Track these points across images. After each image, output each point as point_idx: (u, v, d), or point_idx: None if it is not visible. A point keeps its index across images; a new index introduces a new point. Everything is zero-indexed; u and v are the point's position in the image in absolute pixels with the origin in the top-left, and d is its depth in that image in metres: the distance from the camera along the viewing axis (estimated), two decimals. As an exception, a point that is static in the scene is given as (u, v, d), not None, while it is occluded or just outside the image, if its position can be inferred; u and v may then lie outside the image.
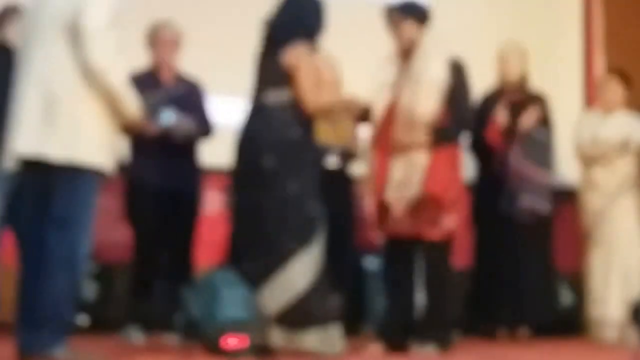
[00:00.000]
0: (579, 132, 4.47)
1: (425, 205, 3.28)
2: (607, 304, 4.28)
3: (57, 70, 2.71)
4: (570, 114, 4.87)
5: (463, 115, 3.41)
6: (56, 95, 2.69)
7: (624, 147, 4.33)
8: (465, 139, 3.80)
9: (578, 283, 4.67)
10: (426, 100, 3.29)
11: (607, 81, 4.51)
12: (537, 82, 4.59)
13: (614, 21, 5.56)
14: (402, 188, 3.31)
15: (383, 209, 3.39)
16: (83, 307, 4.03)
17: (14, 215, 3.00)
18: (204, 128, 3.95)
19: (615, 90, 4.44)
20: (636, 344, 3.94)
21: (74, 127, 2.70)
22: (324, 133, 4.23)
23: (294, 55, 3.21)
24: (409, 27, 3.38)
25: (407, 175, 3.30)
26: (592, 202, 4.37)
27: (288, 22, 3.27)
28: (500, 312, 4.30)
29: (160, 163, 3.82)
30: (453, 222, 3.34)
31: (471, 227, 4.39)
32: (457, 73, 3.40)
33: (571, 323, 4.62)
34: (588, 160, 4.44)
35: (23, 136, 2.71)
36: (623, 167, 4.36)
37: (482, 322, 4.39)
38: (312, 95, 3.18)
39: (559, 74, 5.39)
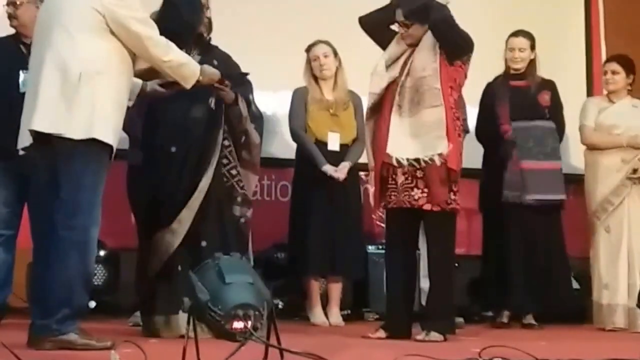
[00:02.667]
0: (582, 118, 4.48)
1: (442, 175, 3.31)
2: (615, 291, 4.30)
3: (78, 54, 2.76)
4: (575, 101, 4.86)
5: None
6: (76, 78, 2.74)
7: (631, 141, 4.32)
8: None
9: (582, 270, 4.70)
10: (427, 58, 3.35)
11: (610, 68, 4.50)
12: (541, 72, 4.59)
13: (614, 8, 5.55)
14: (428, 145, 3.31)
15: (385, 176, 3.40)
16: (91, 292, 4.07)
17: (29, 197, 3.05)
18: None
19: (616, 78, 4.44)
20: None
21: (91, 109, 2.75)
22: (323, 124, 4.27)
23: None
24: (417, 29, 3.41)
25: (421, 136, 3.32)
26: (599, 189, 4.38)
27: (163, 22, 3.31)
28: (507, 299, 4.33)
29: None
30: (455, 200, 3.37)
31: (478, 214, 4.40)
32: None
33: (576, 310, 4.65)
34: (592, 147, 4.45)
35: (39, 114, 2.74)
36: (629, 154, 4.37)
37: (489, 309, 4.42)
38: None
39: (563, 63, 5.40)
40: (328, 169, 4.18)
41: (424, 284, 3.70)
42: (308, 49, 4.36)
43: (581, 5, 5.63)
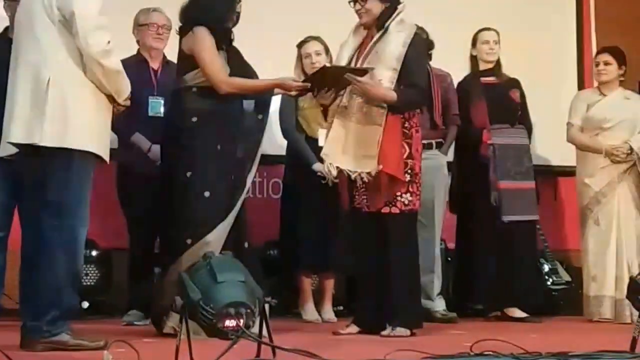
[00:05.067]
0: (569, 116, 4.51)
1: (384, 183, 3.33)
2: (602, 283, 4.34)
3: (47, 58, 2.73)
4: (567, 93, 4.89)
5: (416, 89, 3.43)
6: (46, 84, 2.71)
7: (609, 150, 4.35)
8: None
9: (568, 262, 4.74)
10: (382, 76, 3.34)
11: (602, 59, 4.51)
12: (532, 64, 4.62)
13: (605, 0, 5.58)
14: (360, 161, 3.34)
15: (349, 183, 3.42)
16: (84, 292, 4.07)
17: (20, 201, 3.06)
18: None
19: (608, 69, 4.46)
20: (631, 320, 4.00)
21: (64, 113, 2.72)
22: (314, 121, 4.27)
23: (192, 40, 3.27)
24: (374, 5, 3.40)
25: (364, 149, 3.34)
26: (591, 182, 4.40)
27: (192, 9, 3.32)
28: (487, 294, 4.36)
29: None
30: (408, 200, 3.39)
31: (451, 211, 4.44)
32: (417, 48, 3.43)
33: (562, 301, 4.70)
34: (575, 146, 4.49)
35: (15, 124, 2.74)
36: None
37: (471, 303, 4.46)
38: (221, 76, 3.23)
39: (554, 55, 5.42)
40: (318, 167, 4.18)
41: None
42: (300, 45, 4.35)
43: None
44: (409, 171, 3.40)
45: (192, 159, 3.24)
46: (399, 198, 3.37)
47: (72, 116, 2.73)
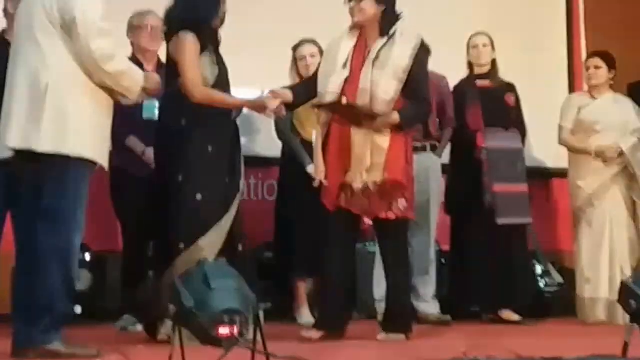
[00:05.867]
0: (560, 119, 4.53)
1: (387, 189, 3.32)
2: (596, 285, 4.35)
3: (46, 63, 2.72)
4: (558, 97, 4.91)
5: (421, 103, 3.42)
6: (44, 88, 2.70)
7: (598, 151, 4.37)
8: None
9: (561, 263, 4.76)
10: (387, 86, 3.31)
11: (593, 63, 4.54)
12: (524, 68, 4.63)
13: (593, 5, 5.61)
14: (366, 172, 3.32)
15: (344, 186, 3.39)
16: (77, 296, 4.05)
17: (13, 204, 3.03)
18: None
19: (598, 73, 4.49)
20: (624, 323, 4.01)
21: (63, 119, 2.71)
22: (308, 123, 4.27)
23: (175, 46, 3.25)
24: (369, 5, 3.36)
25: (371, 159, 3.32)
26: (583, 184, 4.42)
27: (176, 12, 3.29)
28: (481, 296, 4.37)
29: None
30: (403, 206, 3.38)
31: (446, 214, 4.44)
32: (422, 60, 3.41)
33: (555, 303, 4.72)
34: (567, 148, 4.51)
35: (12, 129, 2.73)
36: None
37: (465, 306, 4.47)
38: (195, 83, 3.19)
39: (546, 59, 5.45)
40: (312, 169, 4.17)
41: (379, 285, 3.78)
42: (295, 48, 4.35)
43: (563, 3, 5.66)
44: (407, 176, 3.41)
45: (183, 161, 3.21)
46: (394, 203, 3.36)
47: (71, 122, 2.72)
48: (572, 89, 5.41)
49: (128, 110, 3.32)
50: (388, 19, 3.38)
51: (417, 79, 3.35)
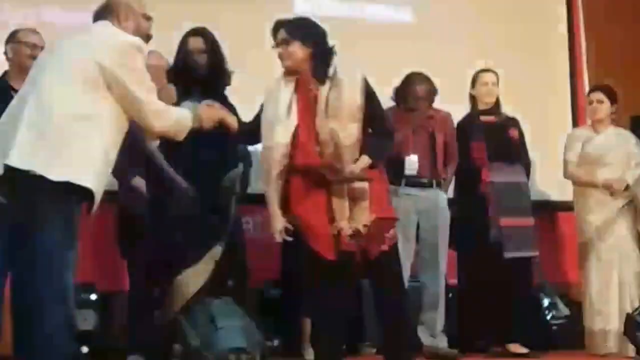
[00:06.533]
0: (565, 153, 4.56)
1: (379, 226, 3.26)
2: (607, 316, 4.34)
3: (66, 99, 2.70)
4: (561, 131, 4.94)
5: (385, 134, 3.34)
6: (59, 118, 2.68)
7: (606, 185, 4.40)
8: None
9: (567, 296, 4.74)
10: (349, 131, 3.19)
11: (595, 97, 4.59)
12: (528, 102, 4.68)
13: (595, 39, 5.67)
14: (353, 219, 3.20)
15: (329, 237, 3.22)
16: (83, 336, 4.05)
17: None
18: None
19: (601, 107, 4.53)
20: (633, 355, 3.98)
21: (74, 149, 2.69)
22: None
23: None
24: (297, 48, 3.24)
25: (354, 206, 3.21)
26: (591, 217, 4.44)
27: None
28: (489, 329, 4.36)
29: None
30: (392, 235, 3.33)
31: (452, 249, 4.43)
32: (370, 92, 3.28)
33: (562, 335, 4.69)
34: (573, 182, 4.52)
35: (19, 151, 2.67)
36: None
37: (473, 339, 4.45)
38: None
39: (549, 93, 5.49)
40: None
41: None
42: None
43: (565, 38, 5.71)
44: None
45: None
46: (385, 234, 3.32)
47: (78, 154, 2.69)
48: (575, 122, 5.45)
49: (129, 149, 3.34)
50: (320, 60, 3.25)
51: (374, 112, 3.27)
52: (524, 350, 4.31)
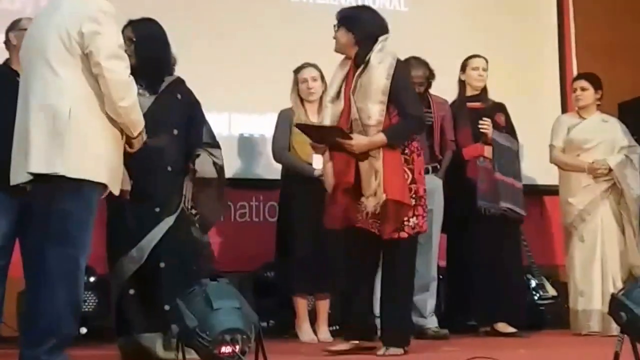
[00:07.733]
0: (551, 138, 4.64)
1: (392, 210, 3.38)
2: (590, 297, 4.44)
3: (65, 90, 2.76)
4: (550, 117, 5.01)
5: (408, 119, 3.48)
6: (66, 114, 2.74)
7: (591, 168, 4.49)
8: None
9: (555, 277, 4.83)
10: (370, 112, 3.40)
11: (579, 85, 4.66)
12: (517, 89, 4.75)
13: (583, 26, 5.73)
14: (373, 195, 3.38)
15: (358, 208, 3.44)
16: (82, 317, 4.10)
17: (23, 231, 3.08)
18: None
19: (585, 94, 4.61)
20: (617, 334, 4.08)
21: (82, 144, 2.76)
22: (307, 145, 4.35)
23: None
24: (341, 34, 3.51)
25: (375, 182, 3.38)
26: (574, 201, 4.52)
27: None
28: (477, 310, 4.46)
29: None
30: (415, 223, 3.45)
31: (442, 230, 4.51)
32: (400, 77, 3.48)
33: (549, 315, 4.81)
34: (558, 167, 4.61)
35: (35, 156, 2.75)
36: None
37: (462, 319, 4.55)
38: None
39: (538, 80, 5.57)
40: (319, 171, 4.17)
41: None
42: (297, 71, 4.42)
43: (554, 26, 5.78)
44: (414, 195, 3.46)
45: None
46: (406, 223, 3.44)
47: (89, 150, 2.76)
48: (564, 109, 5.52)
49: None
50: (361, 45, 3.48)
51: (399, 97, 3.43)
52: (512, 329, 4.42)
